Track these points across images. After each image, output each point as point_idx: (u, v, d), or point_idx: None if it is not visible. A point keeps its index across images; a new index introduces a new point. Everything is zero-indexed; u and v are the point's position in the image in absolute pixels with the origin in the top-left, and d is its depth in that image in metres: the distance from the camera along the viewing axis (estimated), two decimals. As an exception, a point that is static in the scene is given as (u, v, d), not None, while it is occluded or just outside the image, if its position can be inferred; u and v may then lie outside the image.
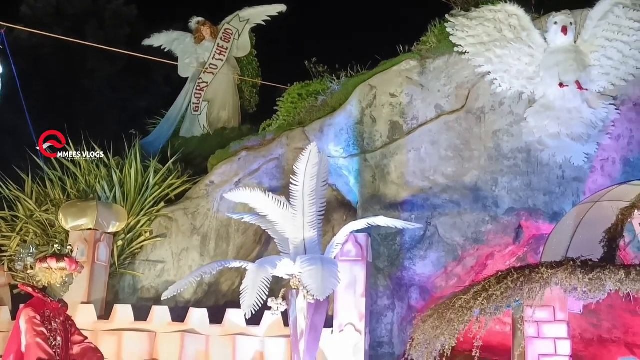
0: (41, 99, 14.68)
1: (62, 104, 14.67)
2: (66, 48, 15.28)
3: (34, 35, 14.86)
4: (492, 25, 11.99)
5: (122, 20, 18.04)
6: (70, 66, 15.93)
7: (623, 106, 11.70)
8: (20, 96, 13.70)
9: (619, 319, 11.07)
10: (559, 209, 10.94)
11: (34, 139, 13.07)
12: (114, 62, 15.33)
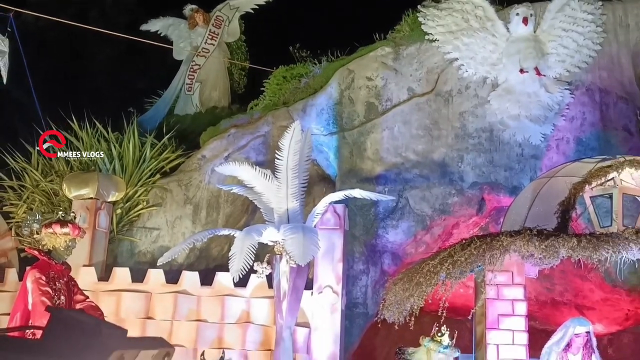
0: (46, 78, 14.55)
1: (66, 83, 14.54)
2: (70, 32, 15.13)
3: (40, 20, 14.73)
4: (460, 16, 11.98)
5: (121, 7, 17.84)
6: (73, 49, 15.83)
7: (577, 91, 11.79)
8: (27, 75, 13.60)
9: (571, 283, 11.16)
10: (518, 184, 11.00)
11: (39, 115, 13.01)
12: (114, 46, 15.19)
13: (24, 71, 13.54)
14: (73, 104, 12.79)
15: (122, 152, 12.15)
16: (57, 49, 15.71)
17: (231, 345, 10.52)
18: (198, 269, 11.13)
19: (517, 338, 8.01)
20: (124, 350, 1.03)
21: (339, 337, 10.51)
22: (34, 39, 14.79)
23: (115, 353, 1.00)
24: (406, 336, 8.55)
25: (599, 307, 11.41)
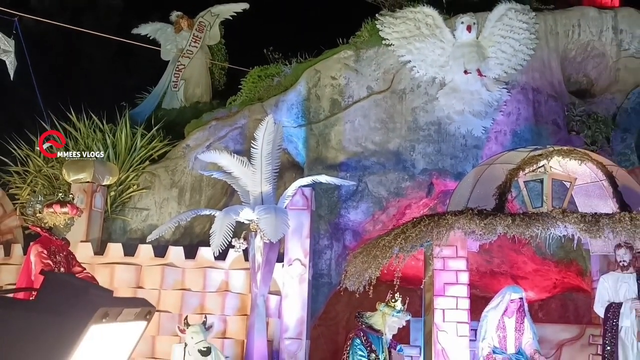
0: (48, 76, 14.37)
1: (65, 80, 14.36)
2: (67, 35, 14.98)
3: (41, 24, 14.58)
4: (413, 24, 11.98)
5: (112, 11, 17.65)
6: (71, 50, 15.66)
7: (513, 90, 11.89)
8: (30, 73, 13.47)
9: (507, 256, 11.28)
10: (462, 170, 11.08)
11: (42, 108, 12.88)
12: (107, 47, 15.04)
13: (28, 69, 13.44)
14: (72, 99, 12.71)
15: (115, 142, 12.07)
16: (57, 50, 15.53)
17: (212, 311, 10.51)
18: (183, 244, 11.09)
19: (460, 303, 8.10)
20: (109, 308, 1.02)
21: (307, 303, 10.55)
22: (36, 41, 14.61)
23: (101, 309, 0.99)
24: (365, 302, 8.59)
25: (531, 277, 11.56)
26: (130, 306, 1.18)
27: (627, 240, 8.02)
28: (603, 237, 7.96)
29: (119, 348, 1.26)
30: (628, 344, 8.11)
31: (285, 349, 10.32)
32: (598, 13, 12.68)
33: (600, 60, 12.78)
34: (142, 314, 1.24)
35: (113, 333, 1.19)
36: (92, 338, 1.09)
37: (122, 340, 1.24)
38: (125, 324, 1.20)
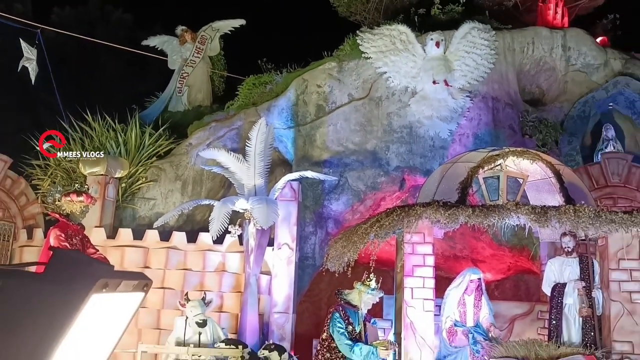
0: (66, 81, 14.27)
1: (82, 85, 14.27)
2: (84, 45, 14.90)
3: (61, 35, 14.50)
4: (388, 39, 12.00)
5: (123, 25, 17.55)
6: (87, 58, 15.57)
7: (475, 98, 11.94)
8: (51, 79, 13.41)
9: (468, 242, 11.34)
10: (430, 167, 11.10)
11: (61, 110, 12.81)
12: (120, 57, 14.96)
13: (49, 76, 13.39)
14: (88, 102, 12.64)
15: (126, 139, 12.01)
16: (75, 59, 15.43)
17: (210, 288, 10.51)
18: (185, 230, 11.07)
19: (427, 283, 8.13)
20: (109, 279, 1.02)
21: (293, 282, 10.57)
22: (56, 50, 14.53)
23: (101, 280, 0.99)
24: (344, 282, 8.61)
25: (489, 261, 11.63)
26: (129, 279, 1.18)
27: (571, 229, 8.08)
28: (550, 227, 8.01)
29: (119, 316, 1.26)
30: (571, 318, 8.19)
31: (275, 321, 10.34)
32: (550, 32, 12.79)
33: (551, 74, 12.88)
34: (140, 286, 1.24)
35: (113, 302, 1.19)
36: (94, 306, 1.09)
37: (121, 308, 1.25)
38: (124, 294, 1.21)
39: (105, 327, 1.23)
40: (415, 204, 8.23)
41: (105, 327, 1.23)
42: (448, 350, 8.73)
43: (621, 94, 12.50)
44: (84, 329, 1.12)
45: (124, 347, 10.02)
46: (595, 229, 7.83)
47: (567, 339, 8.04)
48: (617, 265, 8.04)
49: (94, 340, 1.23)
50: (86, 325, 1.11)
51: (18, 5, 15.68)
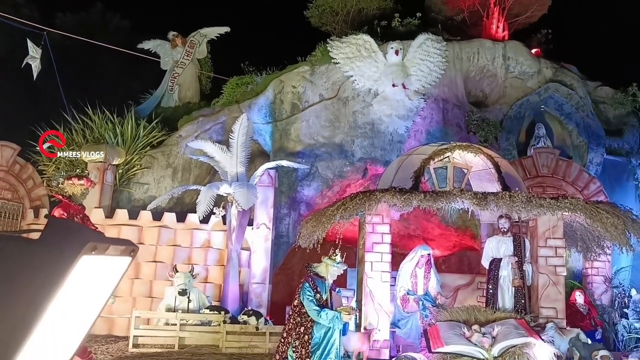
0: (70, 78, 13.95)
1: (84, 83, 13.95)
2: (86, 47, 14.59)
3: (65, 38, 14.18)
4: (355, 47, 11.99)
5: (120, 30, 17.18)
6: (89, 59, 15.24)
7: (428, 99, 12.01)
8: (56, 76, 13.16)
9: (420, 223, 11.43)
10: (389, 159, 11.16)
11: (65, 104, 12.57)
12: (118, 58, 14.66)
13: (54, 73, 13.12)
14: (89, 97, 12.43)
15: (123, 131, 11.84)
16: (78, 59, 15.08)
17: (197, 262, 10.46)
18: (175, 211, 10.97)
19: (384, 257, 8.13)
20: (97, 242, 1.00)
21: (270, 257, 10.57)
22: (61, 51, 14.19)
23: (90, 243, 0.97)
24: (313, 256, 8.60)
25: (437, 239, 11.74)
26: (116, 244, 1.16)
27: (507, 213, 8.17)
28: (489, 210, 8.06)
29: (108, 278, 1.24)
30: (505, 288, 8.31)
31: (253, 291, 10.34)
32: (492, 44, 12.90)
33: (493, 80, 13.01)
34: (127, 251, 1.22)
35: (102, 265, 1.17)
36: (84, 267, 1.08)
37: (110, 271, 1.23)
38: (113, 257, 1.19)
39: (95, 287, 1.21)
40: (375, 190, 8.22)
41: (95, 288, 1.21)
42: (401, 315, 8.82)
43: (551, 97, 12.71)
44: (76, 288, 1.10)
45: (120, 313, 9.96)
46: (526, 212, 7.91)
47: (501, 306, 8.16)
48: (545, 243, 8.15)
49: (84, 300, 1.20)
50: (77, 285, 1.09)
51: (25, 9, 15.26)
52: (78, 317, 1.18)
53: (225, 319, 8.72)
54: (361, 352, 7.40)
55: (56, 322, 1.06)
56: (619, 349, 8.53)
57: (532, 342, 6.70)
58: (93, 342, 8.58)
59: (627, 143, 12.86)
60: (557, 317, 7.87)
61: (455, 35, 13.09)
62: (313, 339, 6.66)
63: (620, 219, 7.87)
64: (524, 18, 14.18)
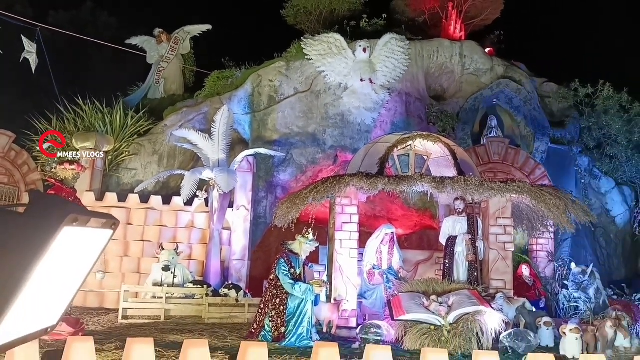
0: (62, 72, 13.57)
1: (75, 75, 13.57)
2: (77, 42, 14.19)
3: (57, 34, 13.77)
4: (326, 45, 11.91)
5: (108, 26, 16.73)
6: (80, 53, 14.82)
7: (393, 93, 12.03)
8: (49, 69, 12.83)
9: (384, 205, 11.48)
10: (357, 147, 11.17)
11: (57, 95, 12.24)
12: (107, 52, 14.30)
13: (47, 66, 12.78)
14: (80, 90, 12.09)
15: (112, 120, 11.60)
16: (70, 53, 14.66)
17: (182, 240, 10.39)
18: (161, 194, 10.84)
19: (352, 236, 8.16)
20: (78, 215, 0.98)
21: (249, 236, 10.55)
22: (54, 46, 13.78)
23: (71, 215, 0.95)
24: (288, 235, 8.61)
25: (400, 219, 11.82)
26: (98, 217, 1.15)
27: (462, 195, 8.28)
28: (447, 193, 8.15)
29: (90, 248, 1.22)
30: (460, 262, 8.43)
31: (233, 267, 10.32)
32: (450, 44, 12.96)
33: (451, 76, 13.10)
34: (109, 224, 1.20)
35: (85, 236, 1.15)
36: (68, 238, 1.06)
37: (92, 242, 1.21)
38: (95, 230, 1.17)
39: (79, 257, 1.19)
40: (344, 175, 8.22)
41: (79, 257, 1.19)
42: (368, 287, 8.92)
43: (502, 92, 12.84)
44: (61, 257, 1.08)
45: (110, 288, 9.84)
46: (479, 194, 8.00)
47: (456, 278, 8.28)
48: (495, 222, 8.25)
49: (69, 268, 1.19)
50: (62, 254, 1.08)
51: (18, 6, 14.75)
52: (63, 283, 1.16)
53: (207, 292, 8.69)
54: (331, 321, 7.47)
55: (42, 288, 1.04)
56: (560, 316, 8.73)
57: (483, 310, 6.82)
58: (85, 315, 8.47)
59: (569, 133, 13.11)
60: (506, 288, 8.01)
61: (417, 35, 13.12)
62: (288, 309, 6.70)
63: (561, 200, 8.04)
64: (479, 20, 14.28)
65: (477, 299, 7.06)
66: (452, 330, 6.56)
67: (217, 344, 6.28)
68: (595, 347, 6.65)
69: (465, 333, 6.53)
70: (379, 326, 6.98)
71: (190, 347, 3.66)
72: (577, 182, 12.69)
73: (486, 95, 12.81)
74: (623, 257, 12.92)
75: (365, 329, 6.91)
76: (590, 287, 8.22)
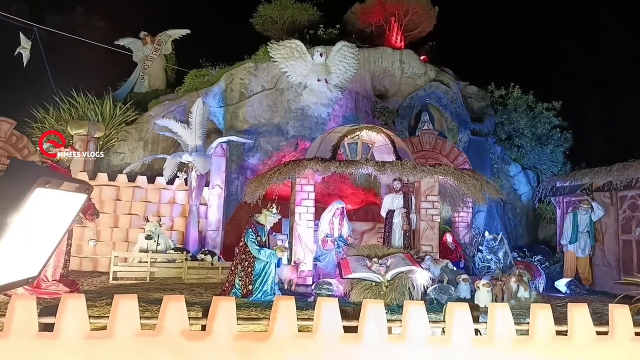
0: (58, 68, 12.83)
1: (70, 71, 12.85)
2: (70, 42, 13.47)
3: (53, 35, 13.03)
4: (289, 50, 11.76)
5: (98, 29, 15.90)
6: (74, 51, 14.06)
7: (344, 92, 11.99)
8: (46, 64, 12.15)
9: (337, 185, 11.52)
10: (314, 136, 11.09)
11: (53, 88, 11.62)
12: (98, 51, 13.61)
13: (44, 63, 12.10)
14: (74, 83, 11.56)
15: (102, 111, 11.15)
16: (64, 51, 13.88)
17: (165, 214, 10.17)
18: (146, 175, 10.54)
19: (309, 210, 8.18)
20: (50, 177, 0.94)
21: (222, 210, 10.41)
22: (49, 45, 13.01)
23: (43, 178, 0.91)
24: (256, 209, 8.55)
25: (350, 197, 11.88)
26: (71, 182, 1.10)
27: (399, 176, 8.40)
28: (387, 174, 8.26)
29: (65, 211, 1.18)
30: (397, 231, 8.58)
31: (209, 236, 10.18)
32: (392, 51, 13.02)
33: (392, 78, 13.17)
34: (82, 188, 1.16)
35: (60, 199, 1.11)
36: (42, 199, 1.02)
37: (67, 205, 1.16)
38: (69, 193, 1.13)
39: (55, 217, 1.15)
40: (303, 159, 8.22)
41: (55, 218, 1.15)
42: (322, 252, 8.98)
43: (434, 93, 13.02)
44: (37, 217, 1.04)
45: (102, 254, 9.56)
46: (413, 176, 8.14)
47: (394, 244, 8.44)
48: (425, 198, 8.41)
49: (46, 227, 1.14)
50: (38, 214, 1.04)
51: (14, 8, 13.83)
52: (42, 239, 1.12)
53: (187, 257, 8.57)
54: (291, 280, 7.51)
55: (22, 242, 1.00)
56: (475, 274, 8.99)
57: (414, 269, 6.98)
58: (80, 277, 8.21)
59: (485, 127, 13.47)
60: (433, 251, 8.21)
61: (365, 44, 13.11)
62: (255, 271, 6.69)
63: (478, 181, 8.28)
64: (416, 33, 14.39)
65: (410, 261, 7.23)
66: (389, 285, 6.71)
67: (195, 300, 6.22)
68: (502, 297, 6.94)
69: (399, 288, 6.69)
70: (330, 283, 7.07)
71: (169, 302, 3.60)
72: (491, 166, 13.06)
73: (420, 95, 12.97)
74: (526, 227, 13.46)
75: (319, 286, 6.99)
76: (500, 251, 8.51)
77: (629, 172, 8.70)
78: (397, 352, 3.12)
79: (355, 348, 3.12)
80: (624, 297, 5.76)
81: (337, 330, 3.22)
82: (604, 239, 9.20)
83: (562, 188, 10.38)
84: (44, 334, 3.35)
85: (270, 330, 3.34)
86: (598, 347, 3.78)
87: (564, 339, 3.73)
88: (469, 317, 3.38)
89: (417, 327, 3.19)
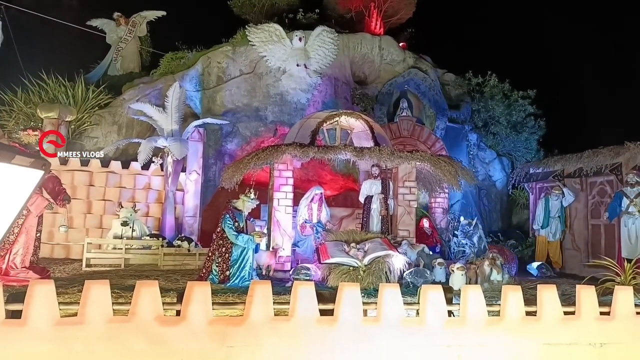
0: (28, 49, 12.31)
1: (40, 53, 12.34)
2: (41, 22, 12.91)
3: (23, 14, 12.45)
4: (268, 34, 11.58)
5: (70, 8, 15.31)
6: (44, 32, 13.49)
7: (324, 78, 11.93)
8: (14, 45, 11.67)
9: (316, 170, 11.54)
10: (293, 121, 11.02)
11: (22, 69, 11.17)
12: (70, 32, 13.09)
13: (12, 43, 11.60)
14: (44, 65, 11.08)
15: (74, 93, 10.77)
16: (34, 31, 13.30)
17: (140, 200, 9.97)
18: (120, 160, 10.29)
19: (288, 195, 8.13)
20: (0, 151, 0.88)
21: (199, 197, 10.29)
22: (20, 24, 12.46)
23: (-9, 150, 0.86)
24: (234, 195, 8.45)
25: (329, 182, 11.90)
26: (24, 155, 1.03)
27: (377, 162, 8.43)
28: (365, 160, 8.29)
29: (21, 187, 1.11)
30: (375, 217, 8.63)
31: (186, 222, 10.06)
32: (371, 37, 12.96)
33: (371, 65, 13.14)
34: (38, 164, 1.09)
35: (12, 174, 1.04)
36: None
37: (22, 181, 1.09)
38: (24, 169, 1.05)
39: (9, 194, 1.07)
40: (282, 144, 8.15)
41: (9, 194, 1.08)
42: (300, 237, 8.99)
43: (412, 80, 13.06)
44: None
45: (75, 241, 9.33)
46: (391, 162, 8.18)
47: (372, 229, 8.50)
48: (403, 184, 8.47)
49: (1, 203, 1.07)
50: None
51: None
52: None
53: (163, 243, 8.44)
54: (270, 265, 7.49)
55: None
56: (451, 258, 9.16)
57: (392, 254, 7.04)
58: (52, 264, 8.00)
59: (462, 115, 13.61)
60: (410, 236, 8.30)
61: (345, 29, 13.00)
62: (232, 256, 6.64)
63: (454, 167, 8.38)
64: (395, 19, 14.33)
65: (387, 245, 7.28)
66: (367, 270, 6.75)
67: (171, 287, 6.14)
68: (476, 280, 7.09)
69: (377, 272, 6.74)
70: (309, 268, 7.08)
71: (142, 287, 3.54)
72: (467, 153, 13.23)
73: (399, 81, 12.98)
74: (500, 212, 13.73)
75: (297, 271, 6.99)
76: (475, 236, 8.66)
77: (598, 158, 8.93)
78: (371, 333, 3.14)
79: (331, 330, 3.13)
80: (590, 279, 5.96)
81: (313, 314, 3.22)
82: (574, 223, 9.46)
83: (535, 174, 10.60)
84: (11, 321, 3.24)
85: (246, 314, 3.32)
86: (565, 326, 3.91)
87: (533, 319, 3.82)
88: (442, 298, 3.42)
89: (392, 309, 3.21)
